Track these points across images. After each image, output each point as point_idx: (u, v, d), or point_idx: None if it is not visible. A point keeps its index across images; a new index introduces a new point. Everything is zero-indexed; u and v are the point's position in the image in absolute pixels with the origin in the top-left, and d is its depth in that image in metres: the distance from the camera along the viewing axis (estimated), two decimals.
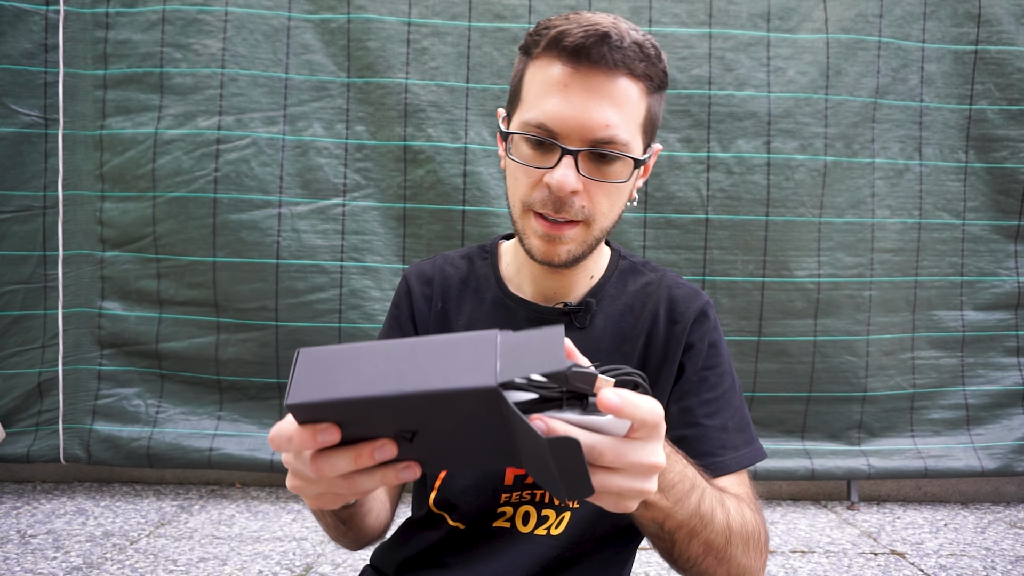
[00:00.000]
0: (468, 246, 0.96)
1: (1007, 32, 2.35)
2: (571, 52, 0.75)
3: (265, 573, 1.79)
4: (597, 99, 0.76)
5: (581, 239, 0.80)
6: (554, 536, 0.84)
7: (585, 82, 0.75)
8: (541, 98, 0.77)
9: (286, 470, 0.54)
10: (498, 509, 0.85)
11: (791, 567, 1.89)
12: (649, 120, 0.82)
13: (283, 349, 2.29)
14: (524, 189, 0.80)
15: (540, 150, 0.78)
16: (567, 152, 0.76)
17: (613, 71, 0.75)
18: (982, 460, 2.37)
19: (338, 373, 0.45)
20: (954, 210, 2.40)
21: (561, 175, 0.75)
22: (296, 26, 2.28)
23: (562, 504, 0.85)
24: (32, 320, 2.27)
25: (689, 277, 2.31)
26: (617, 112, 0.76)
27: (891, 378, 2.39)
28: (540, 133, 0.77)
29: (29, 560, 1.81)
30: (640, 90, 0.79)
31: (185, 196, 2.26)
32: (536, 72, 0.79)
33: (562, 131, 0.76)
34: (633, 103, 0.78)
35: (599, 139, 0.76)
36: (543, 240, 0.79)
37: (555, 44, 0.76)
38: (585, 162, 0.77)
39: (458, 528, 0.86)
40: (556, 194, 0.76)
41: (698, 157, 2.31)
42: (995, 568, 1.90)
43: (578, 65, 0.75)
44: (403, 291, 0.93)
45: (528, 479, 0.84)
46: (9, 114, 2.22)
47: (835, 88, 2.32)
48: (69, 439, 2.28)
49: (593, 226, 0.80)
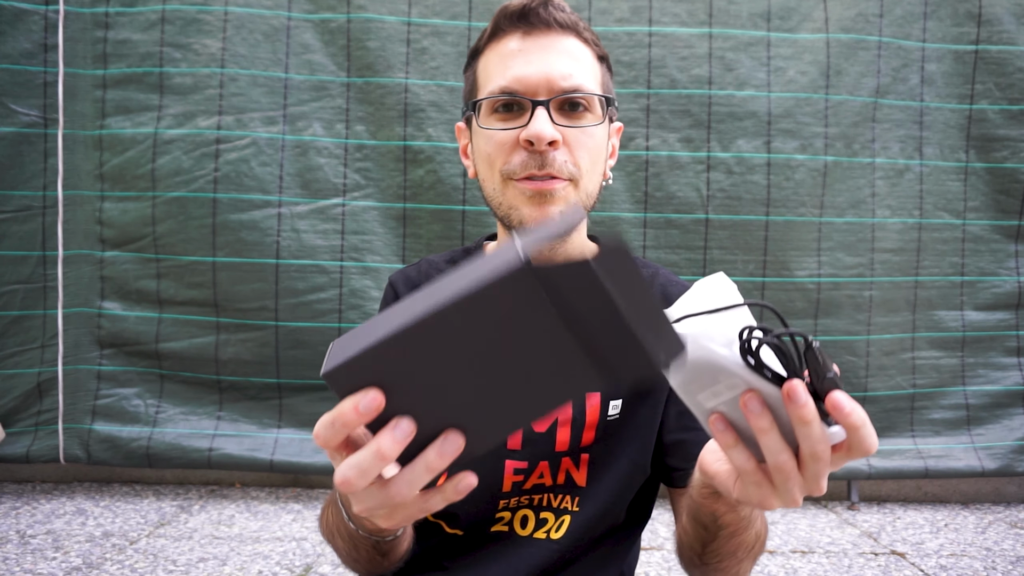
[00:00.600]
0: (452, 249, 0.95)
1: (1008, 32, 2.35)
2: (519, 17, 0.78)
3: (265, 573, 1.79)
4: (555, 54, 0.77)
5: (571, 199, 0.78)
6: (554, 540, 0.83)
7: (538, 42, 0.77)
8: (499, 70, 0.79)
9: (286, 470, 0.53)
10: (496, 515, 0.84)
11: (791, 567, 1.89)
12: (606, 85, 0.83)
13: (283, 349, 2.29)
14: (501, 158, 0.78)
15: (509, 115, 0.78)
16: (538, 103, 0.76)
17: (563, 31, 0.78)
18: (982, 460, 2.36)
19: (367, 333, 0.41)
20: (954, 210, 2.40)
21: (538, 126, 0.74)
22: (296, 26, 2.28)
23: (561, 507, 0.84)
24: (32, 320, 2.26)
25: (689, 277, 2.31)
26: (576, 64, 0.78)
27: (891, 378, 2.39)
28: (506, 97, 0.77)
29: (29, 560, 1.81)
30: (591, 54, 0.81)
31: (185, 196, 2.25)
32: (490, 56, 0.80)
33: (527, 89, 0.76)
34: (588, 61, 0.80)
35: (565, 88, 0.76)
36: (533, 203, 0.77)
37: (502, 19, 0.79)
38: (557, 113, 0.77)
39: (456, 535, 0.86)
40: (537, 147, 0.75)
41: (698, 157, 2.31)
42: (995, 568, 1.90)
43: (529, 29, 0.78)
44: (391, 296, 0.91)
45: (526, 484, 0.83)
46: (9, 114, 2.21)
47: (835, 88, 2.31)
48: (69, 439, 2.28)
49: (580, 185, 0.78)
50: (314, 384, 2.32)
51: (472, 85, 0.83)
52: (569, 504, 0.84)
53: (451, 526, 0.86)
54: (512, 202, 0.78)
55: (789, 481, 0.48)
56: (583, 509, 0.83)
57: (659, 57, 2.30)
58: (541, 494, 0.84)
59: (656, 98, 2.30)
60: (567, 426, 0.82)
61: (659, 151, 2.31)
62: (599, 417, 0.83)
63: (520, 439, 0.82)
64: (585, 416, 0.83)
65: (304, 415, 2.32)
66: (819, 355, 0.44)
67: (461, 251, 0.93)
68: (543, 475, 0.83)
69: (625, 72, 2.30)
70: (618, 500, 0.85)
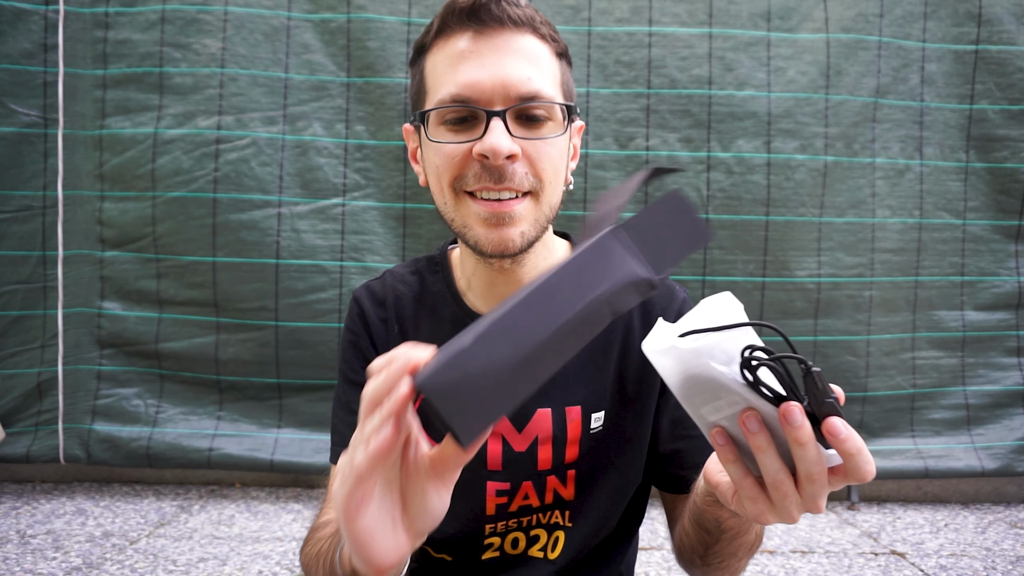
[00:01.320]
0: (415, 258, 0.88)
1: (1008, 32, 2.35)
2: (469, 14, 0.69)
3: (265, 573, 1.79)
4: (511, 56, 0.69)
5: (532, 216, 0.71)
6: (551, 560, 0.81)
7: (492, 42, 0.69)
8: (448, 74, 0.70)
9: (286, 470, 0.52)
10: (485, 541, 0.81)
11: (791, 567, 1.89)
12: (566, 85, 0.75)
13: (283, 349, 2.29)
14: (452, 171, 0.70)
15: (462, 127, 0.70)
16: (493, 114, 0.68)
17: (518, 28, 0.70)
18: (983, 460, 2.36)
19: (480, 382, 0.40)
20: (955, 210, 2.40)
21: (494, 140, 0.67)
22: (296, 26, 2.28)
23: (552, 523, 0.82)
24: (32, 320, 2.26)
25: (689, 277, 2.31)
26: (534, 67, 0.70)
27: (891, 378, 2.39)
28: (457, 106, 0.69)
29: (29, 560, 1.81)
30: (550, 51, 0.73)
31: (185, 196, 2.25)
32: (438, 56, 0.72)
33: (481, 97, 0.69)
34: (547, 61, 0.72)
35: (523, 95, 0.69)
36: (489, 224, 0.69)
37: (449, 16, 0.70)
38: (515, 124, 0.69)
39: (445, 560, 0.83)
40: (492, 162, 0.67)
41: (698, 157, 2.31)
42: (995, 568, 1.90)
43: (480, 27, 0.69)
44: (356, 313, 0.84)
45: (511, 507, 0.80)
46: (9, 114, 2.21)
47: (835, 88, 2.31)
48: (69, 439, 2.27)
49: (542, 198, 0.72)
50: (314, 384, 2.32)
51: (419, 87, 0.75)
52: (560, 519, 0.81)
53: (437, 551, 0.83)
54: (467, 220, 0.71)
55: (786, 499, 0.48)
56: (576, 525, 0.81)
57: (659, 57, 2.30)
58: (530, 515, 0.81)
59: (656, 98, 2.30)
60: (548, 444, 0.78)
61: (659, 151, 2.31)
62: (581, 431, 0.79)
63: (500, 459, 0.78)
64: (566, 432, 0.78)
65: (304, 415, 2.32)
66: (819, 380, 0.45)
67: (425, 261, 0.87)
68: (528, 496, 0.80)
69: (625, 72, 2.30)
70: (611, 512, 0.83)
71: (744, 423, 0.47)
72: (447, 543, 0.82)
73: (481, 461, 0.79)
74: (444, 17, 0.71)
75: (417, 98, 0.76)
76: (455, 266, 0.84)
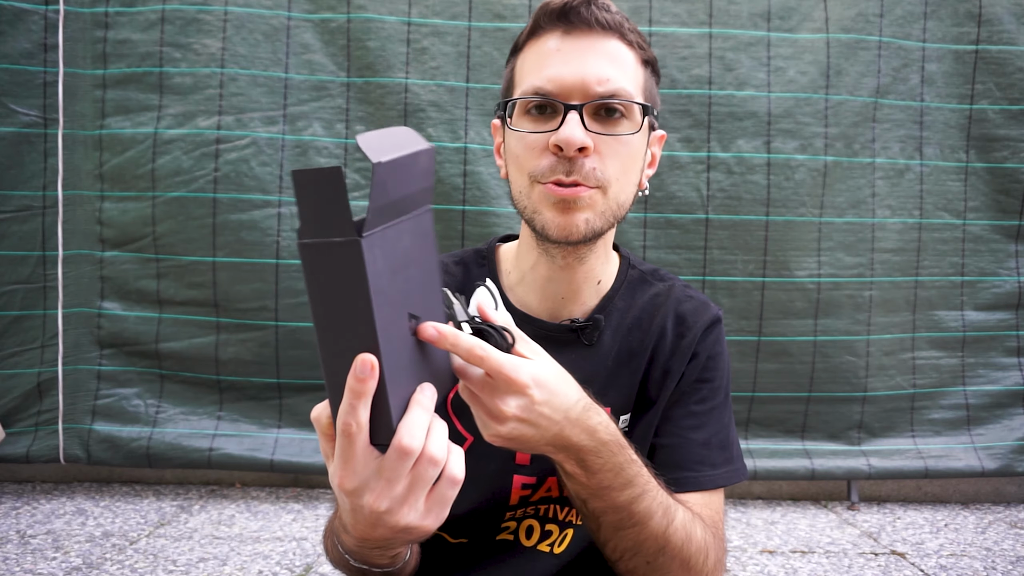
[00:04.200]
0: (462, 250, 0.92)
1: (1008, 32, 2.35)
2: (559, 15, 0.74)
3: (265, 573, 1.79)
4: (594, 55, 0.74)
5: (598, 208, 0.75)
6: (556, 555, 0.83)
7: (578, 43, 0.74)
8: (535, 70, 0.75)
9: (286, 470, 0.54)
10: (502, 524, 0.83)
11: (791, 567, 1.89)
12: (649, 92, 0.79)
13: (283, 349, 2.29)
14: (531, 161, 0.75)
15: (542, 117, 0.75)
16: (570, 108, 0.73)
17: (605, 32, 0.74)
18: (982, 460, 2.36)
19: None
20: (955, 210, 2.40)
21: (568, 131, 0.72)
22: (296, 26, 2.28)
23: (566, 520, 0.83)
24: (31, 320, 2.26)
25: (689, 277, 2.31)
26: (616, 68, 0.74)
27: (891, 378, 2.39)
28: (537, 98, 0.74)
29: (29, 560, 1.81)
30: (635, 57, 0.77)
31: (185, 196, 2.25)
32: (528, 54, 0.78)
33: (562, 91, 0.73)
34: (630, 65, 0.76)
35: (601, 93, 0.73)
36: (557, 209, 0.74)
37: (542, 16, 0.76)
38: (590, 118, 0.74)
39: (461, 543, 0.85)
40: (566, 153, 0.72)
41: (698, 157, 2.31)
42: (995, 568, 1.90)
43: (569, 28, 0.74)
44: None
45: (533, 497, 0.82)
46: (8, 114, 2.21)
47: (835, 88, 2.31)
48: (69, 439, 2.27)
49: (608, 193, 0.75)
50: (314, 384, 2.32)
51: (508, 83, 0.81)
52: (574, 517, 0.83)
53: (454, 537, 0.85)
54: (536, 205, 0.76)
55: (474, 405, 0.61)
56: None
57: (659, 57, 2.27)
58: (548, 504, 0.83)
59: None
60: None
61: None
62: None
63: (529, 455, 0.80)
64: None
65: (304, 415, 2.32)
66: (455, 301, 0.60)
67: (472, 253, 0.90)
68: (551, 489, 0.82)
69: None
70: None
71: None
72: (466, 528, 0.84)
73: (511, 456, 0.81)
74: (537, 18, 0.77)
75: (506, 93, 0.81)
76: (503, 260, 0.89)
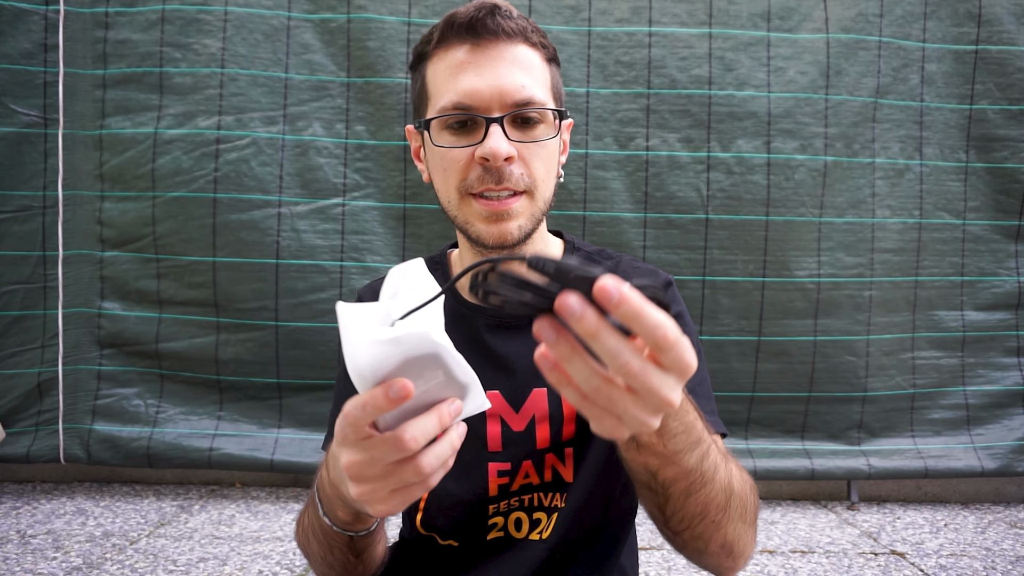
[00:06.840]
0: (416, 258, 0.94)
1: (1008, 32, 2.35)
2: (467, 28, 0.77)
3: (265, 573, 1.79)
4: (506, 66, 0.77)
5: (528, 212, 0.80)
6: (544, 540, 0.83)
7: (488, 53, 0.77)
8: (449, 83, 0.78)
9: (286, 470, 0.54)
10: (489, 521, 0.84)
11: (791, 567, 1.89)
12: (556, 88, 0.83)
13: (283, 349, 2.29)
14: (458, 175, 0.79)
15: (463, 131, 0.79)
16: (492, 121, 0.76)
17: (512, 39, 0.78)
18: (982, 460, 2.36)
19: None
20: (954, 210, 2.40)
21: (493, 144, 0.75)
22: (296, 26, 2.28)
23: (551, 506, 0.84)
24: (32, 320, 2.26)
25: (689, 277, 2.31)
26: (527, 75, 0.78)
27: (891, 378, 2.39)
28: (459, 113, 0.77)
29: (29, 560, 1.81)
30: (541, 58, 0.81)
31: (185, 196, 2.25)
32: (437, 65, 0.80)
33: (480, 104, 0.77)
34: (538, 67, 0.80)
35: (518, 102, 0.77)
36: (490, 221, 0.78)
37: (448, 29, 0.79)
38: (511, 127, 0.78)
39: (452, 546, 0.85)
40: (493, 164, 0.76)
41: (698, 157, 2.31)
42: (995, 568, 1.90)
43: (477, 40, 0.77)
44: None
45: (513, 486, 0.83)
46: (9, 114, 2.21)
47: (835, 88, 2.31)
48: (69, 439, 2.27)
49: (536, 195, 0.80)
50: (314, 384, 2.32)
51: (421, 92, 0.83)
52: (559, 502, 0.84)
53: (444, 538, 0.85)
54: (469, 218, 0.80)
55: (616, 405, 0.44)
56: (568, 503, 0.83)
57: (659, 57, 2.30)
58: (531, 493, 0.83)
59: (656, 98, 2.30)
60: (545, 422, 0.82)
61: (659, 151, 2.31)
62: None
63: (500, 440, 0.82)
64: (563, 410, 0.82)
65: (304, 415, 2.32)
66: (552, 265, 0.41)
67: (426, 259, 0.89)
68: (528, 475, 0.83)
69: (625, 72, 2.30)
70: (601, 491, 0.84)
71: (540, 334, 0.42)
72: (454, 529, 0.84)
73: (482, 442, 0.82)
74: (444, 30, 0.79)
75: (419, 102, 0.84)
76: (454, 264, 0.94)
